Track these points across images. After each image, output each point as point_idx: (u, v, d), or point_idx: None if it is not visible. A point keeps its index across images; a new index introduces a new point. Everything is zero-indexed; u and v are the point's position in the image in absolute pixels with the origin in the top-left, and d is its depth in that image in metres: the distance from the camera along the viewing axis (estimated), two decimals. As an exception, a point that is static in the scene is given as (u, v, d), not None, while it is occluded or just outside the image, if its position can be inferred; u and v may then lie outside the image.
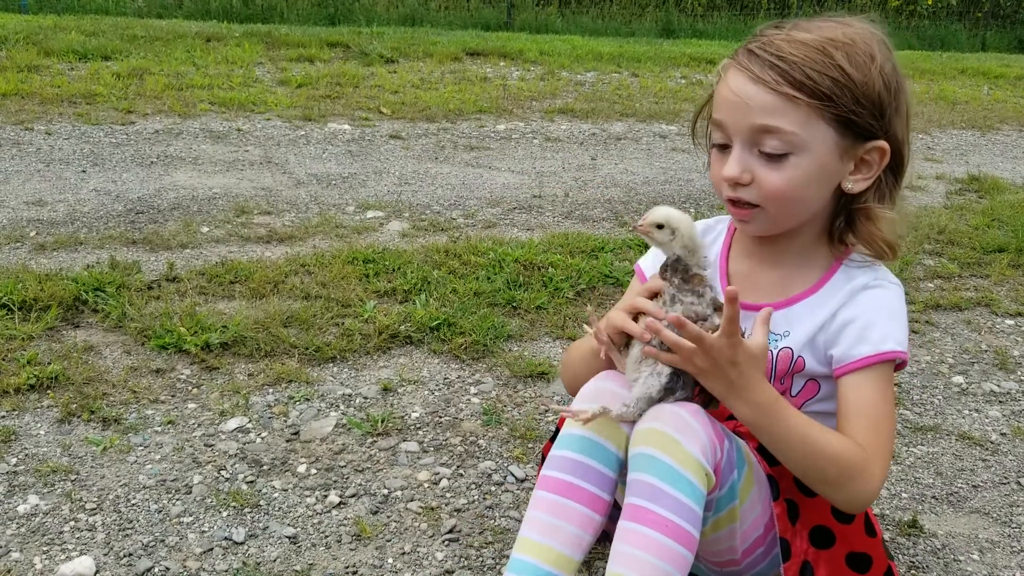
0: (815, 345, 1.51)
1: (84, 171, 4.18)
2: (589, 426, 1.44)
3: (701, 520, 1.34)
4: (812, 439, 1.40)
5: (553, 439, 1.58)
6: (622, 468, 1.45)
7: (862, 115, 1.41)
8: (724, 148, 1.48)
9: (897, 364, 1.50)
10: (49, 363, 2.36)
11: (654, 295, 1.48)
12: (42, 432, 2.11)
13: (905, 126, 1.48)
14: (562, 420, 1.55)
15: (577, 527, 1.40)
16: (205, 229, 3.50)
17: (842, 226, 1.55)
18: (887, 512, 2.01)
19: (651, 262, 1.74)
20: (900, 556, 1.86)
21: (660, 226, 1.46)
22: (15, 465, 1.98)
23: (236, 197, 3.93)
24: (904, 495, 2.09)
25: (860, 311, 1.49)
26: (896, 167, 1.49)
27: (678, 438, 1.34)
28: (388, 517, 1.89)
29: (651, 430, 1.37)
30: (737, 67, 1.44)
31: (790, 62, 1.39)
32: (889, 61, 1.46)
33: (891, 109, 1.44)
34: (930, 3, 14.76)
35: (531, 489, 1.99)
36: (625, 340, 1.50)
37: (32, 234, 3.33)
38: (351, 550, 1.78)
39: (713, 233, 1.70)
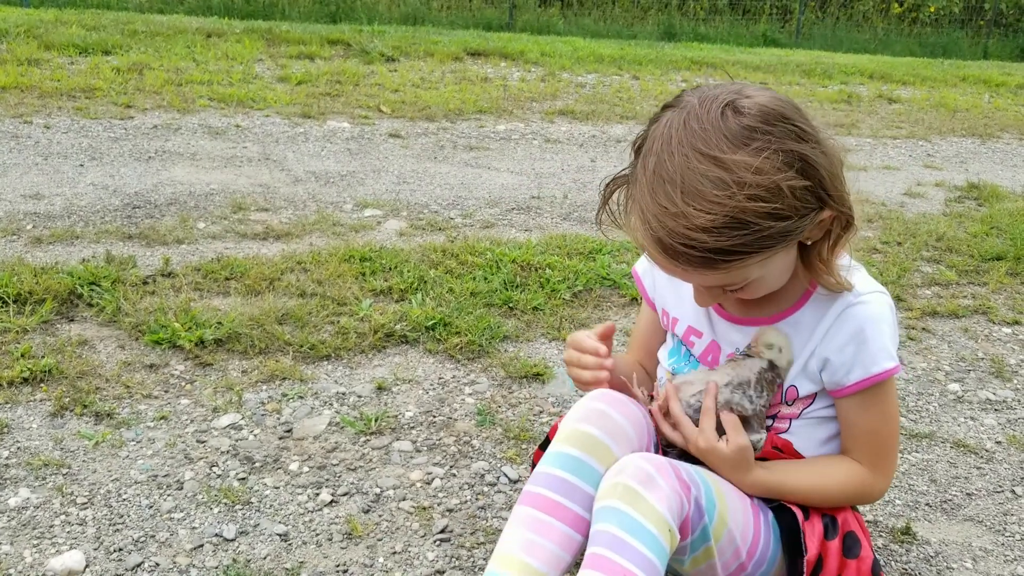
0: (807, 370, 1.52)
1: (82, 165, 4.17)
2: (580, 446, 1.43)
3: (662, 575, 1.33)
4: (820, 487, 1.53)
5: (544, 446, 1.57)
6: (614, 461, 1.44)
7: (800, 227, 1.33)
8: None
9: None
10: (43, 356, 2.35)
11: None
12: (34, 425, 2.10)
13: (838, 171, 1.37)
14: (554, 428, 1.55)
15: (558, 546, 1.38)
16: (202, 225, 3.49)
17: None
18: (880, 519, 2.01)
19: (648, 265, 1.74)
20: (893, 563, 1.86)
21: (770, 346, 1.51)
22: (6, 458, 1.97)
23: (233, 193, 3.93)
24: (898, 502, 2.08)
25: (848, 334, 1.47)
26: (842, 219, 1.41)
27: (643, 493, 1.34)
28: (380, 516, 1.88)
29: (616, 484, 1.36)
30: (654, 249, 1.34)
31: (709, 249, 1.28)
32: (789, 147, 1.30)
33: (823, 189, 1.33)
34: (933, 10, 14.78)
35: (523, 489, 1.99)
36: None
37: (28, 227, 3.32)
38: (342, 549, 1.77)
39: None
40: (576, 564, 1.42)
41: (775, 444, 1.56)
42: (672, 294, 1.68)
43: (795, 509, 1.51)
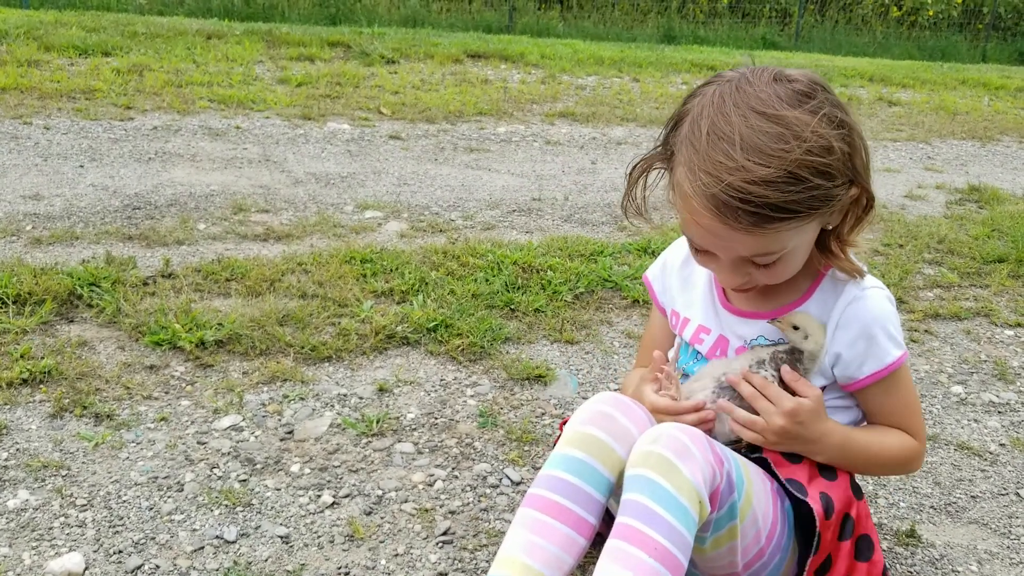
0: (820, 367, 1.55)
1: (82, 166, 4.16)
2: (584, 448, 1.43)
3: (690, 548, 1.33)
4: (882, 453, 1.57)
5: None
6: (612, 494, 1.44)
7: (840, 196, 1.39)
8: (703, 253, 1.48)
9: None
10: (42, 357, 2.34)
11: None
12: (34, 427, 2.09)
13: (864, 166, 1.43)
14: (561, 425, 1.55)
15: (560, 549, 1.38)
16: (202, 226, 3.48)
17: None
18: (885, 521, 2.00)
19: (659, 271, 1.75)
20: (898, 566, 1.85)
21: (796, 327, 1.53)
22: (6, 460, 1.96)
23: (234, 195, 3.92)
24: (902, 504, 2.07)
25: (857, 330, 1.52)
26: (865, 202, 1.47)
27: (677, 463, 1.33)
28: (382, 518, 1.87)
29: (651, 452, 1.36)
30: (705, 208, 1.35)
31: (763, 203, 1.31)
32: (836, 114, 1.37)
33: (857, 160, 1.40)
34: (932, 14, 14.79)
35: (527, 491, 1.98)
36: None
37: (28, 228, 3.31)
38: (344, 551, 1.76)
39: None
40: (581, 565, 1.42)
41: None
42: (682, 295, 1.70)
43: (815, 506, 1.50)
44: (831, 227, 1.47)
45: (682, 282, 1.71)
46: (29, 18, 7.77)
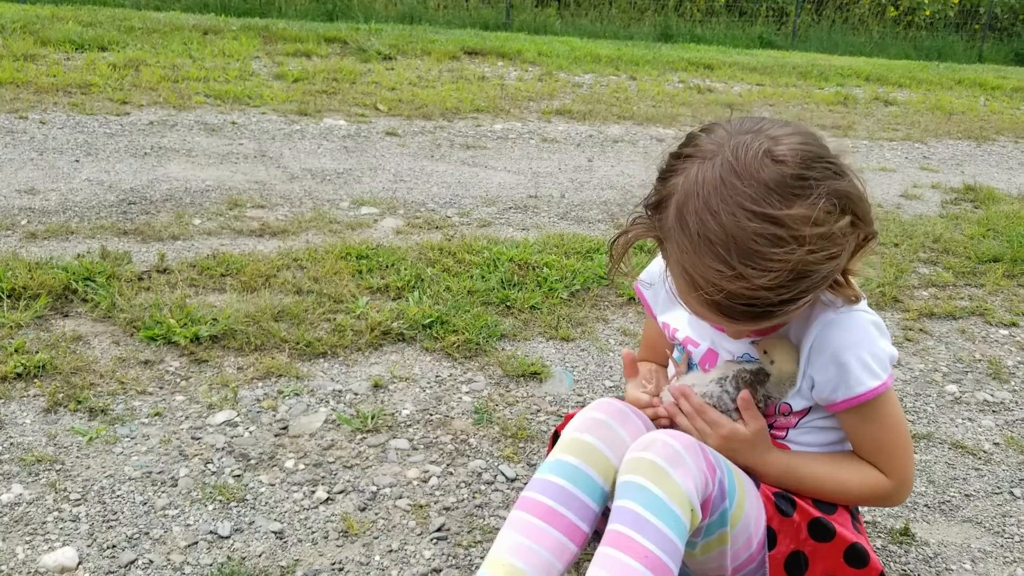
0: (800, 388, 1.51)
1: (77, 160, 4.14)
2: (578, 455, 1.42)
3: (681, 555, 1.33)
4: (835, 483, 1.53)
5: (556, 438, 1.57)
6: (606, 502, 1.43)
7: (845, 258, 1.34)
8: None
9: None
10: (37, 352, 2.33)
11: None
12: (28, 421, 2.08)
13: (865, 198, 1.35)
14: (566, 419, 1.54)
15: (552, 554, 1.37)
16: (197, 221, 3.48)
17: None
18: (879, 520, 2.00)
19: (648, 280, 1.74)
20: (892, 564, 1.85)
21: (764, 352, 1.51)
22: (-1, 454, 1.95)
23: (229, 190, 3.91)
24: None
25: (827, 357, 1.45)
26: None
27: (669, 470, 1.33)
28: (376, 514, 1.87)
29: (642, 459, 1.35)
30: (707, 310, 1.33)
31: (766, 303, 1.27)
32: (834, 188, 1.28)
33: (857, 216, 1.33)
34: (928, 14, 14.80)
35: (521, 489, 1.97)
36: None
37: (23, 222, 3.30)
38: (338, 546, 1.76)
39: None
40: (571, 569, 1.41)
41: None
42: (670, 308, 1.69)
43: (801, 501, 1.50)
44: None
45: (668, 295, 1.67)
46: (25, 12, 7.75)
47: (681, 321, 1.65)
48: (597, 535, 1.39)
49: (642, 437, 1.41)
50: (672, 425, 1.55)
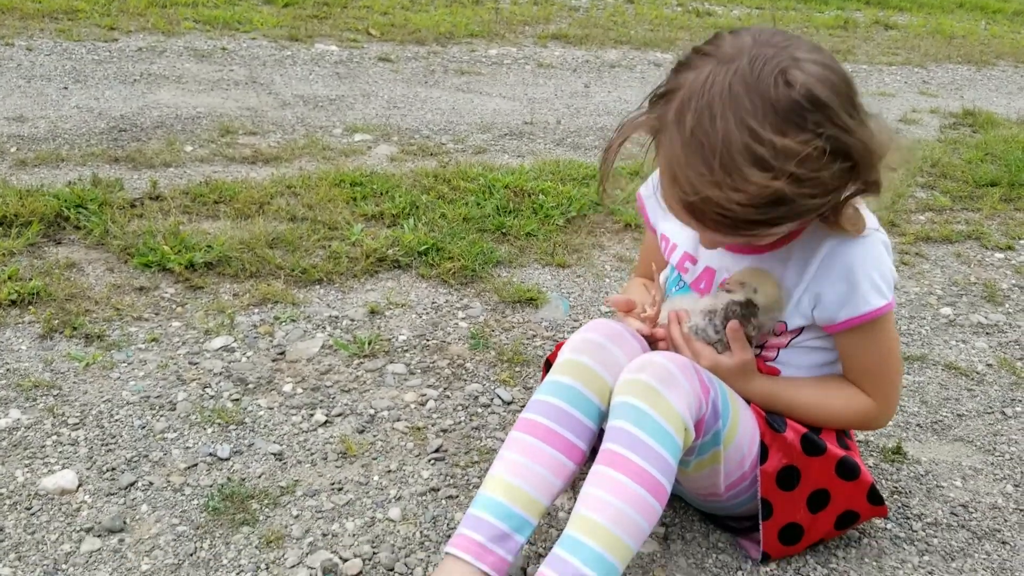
0: (800, 306, 1.50)
1: (66, 88, 4.08)
2: (574, 375, 1.43)
3: (674, 474, 1.34)
4: (819, 407, 1.53)
5: (548, 367, 1.57)
6: (602, 421, 1.44)
7: (835, 201, 1.32)
8: None
9: None
10: (30, 279, 2.32)
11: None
12: (24, 347, 2.08)
13: (878, 149, 1.32)
14: (553, 355, 1.55)
15: (550, 472, 1.39)
16: (189, 148, 3.44)
17: None
18: (872, 439, 2.02)
19: (651, 191, 1.72)
20: (884, 482, 1.88)
21: (742, 284, 1.50)
22: (-3, 380, 1.96)
23: (220, 117, 3.86)
24: (889, 423, 2.09)
25: (838, 272, 1.44)
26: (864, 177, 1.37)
27: (662, 391, 1.34)
28: (374, 436, 1.88)
29: (637, 380, 1.36)
30: (682, 211, 1.33)
31: (737, 219, 1.26)
32: (834, 139, 1.25)
33: (861, 167, 1.30)
34: (931, -65, 14.48)
35: (517, 412, 1.99)
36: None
37: (13, 150, 3.26)
38: (337, 467, 1.78)
39: None
40: (567, 490, 1.44)
41: (762, 372, 1.56)
42: (670, 221, 1.66)
43: (789, 419, 1.52)
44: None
45: None
46: (6, -64, 7.54)
47: (682, 235, 1.64)
48: (594, 453, 1.40)
49: (637, 358, 1.42)
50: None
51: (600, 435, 1.43)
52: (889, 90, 5.77)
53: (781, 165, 1.21)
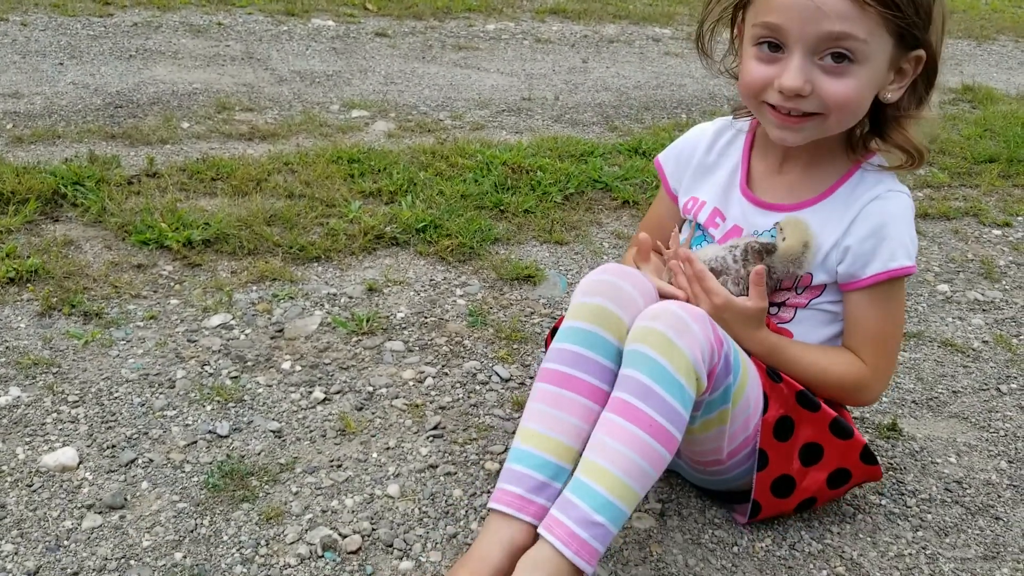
0: (827, 262, 1.54)
1: (61, 63, 4.06)
2: (591, 319, 1.43)
3: (685, 424, 1.35)
4: (817, 369, 1.55)
5: (555, 332, 1.58)
6: (621, 360, 1.44)
7: (917, 25, 1.40)
8: (772, 51, 1.43)
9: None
10: (28, 256, 2.32)
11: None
12: (22, 325, 2.09)
13: (940, 32, 1.46)
14: (560, 320, 1.56)
15: (577, 418, 1.40)
16: (186, 125, 3.43)
17: (865, 132, 1.56)
18: (867, 415, 2.03)
19: (672, 157, 1.75)
20: (879, 457, 1.88)
21: (780, 228, 1.52)
22: (-4, 358, 1.96)
23: (217, 93, 3.84)
24: (885, 399, 2.11)
25: (869, 228, 1.51)
26: (929, 73, 1.49)
27: (676, 340, 1.34)
28: (373, 413, 1.89)
29: (650, 329, 1.36)
30: None
31: None
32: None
33: (934, 17, 1.43)
34: (932, -92, 14.37)
35: (515, 389, 2.00)
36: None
37: (8, 127, 3.24)
38: (336, 444, 1.79)
39: (732, 130, 1.71)
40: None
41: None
42: (700, 181, 1.71)
43: (785, 375, 1.54)
44: (890, 97, 1.47)
45: (703, 169, 1.71)
46: (-1, -91, 7.47)
47: (712, 192, 1.67)
48: None
49: (652, 306, 1.42)
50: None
51: None
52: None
53: None
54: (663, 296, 1.54)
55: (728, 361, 1.41)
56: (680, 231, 1.71)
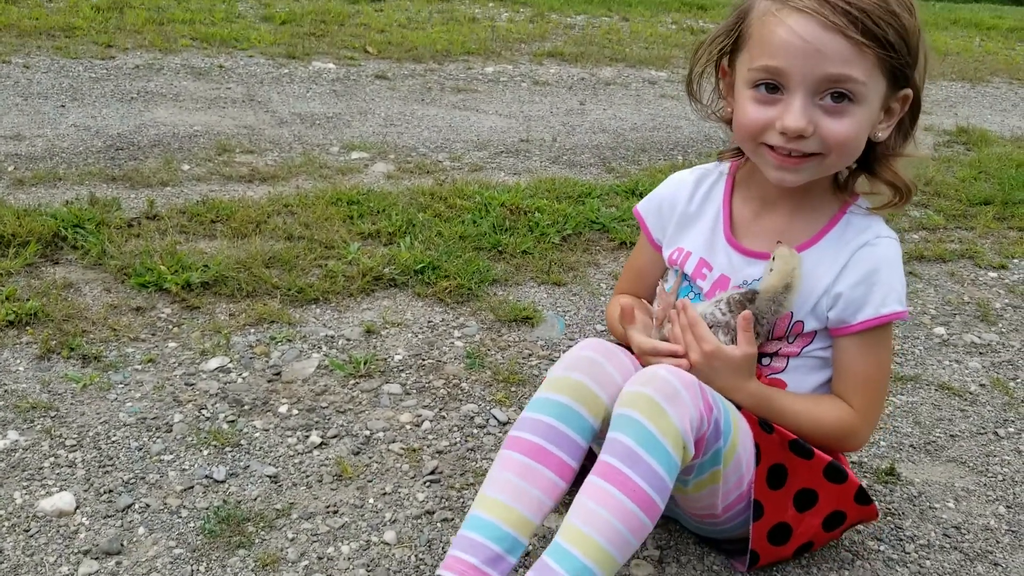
0: (817, 309, 1.54)
1: (63, 106, 4.10)
2: (568, 392, 1.43)
3: (669, 492, 1.34)
4: (808, 418, 1.54)
5: None
6: (594, 438, 1.45)
7: (908, 65, 1.42)
8: (770, 92, 1.44)
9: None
10: (28, 299, 2.33)
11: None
12: (21, 368, 2.09)
13: (923, 70, 1.48)
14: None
15: (542, 492, 1.39)
16: (186, 167, 3.45)
17: (851, 172, 1.57)
18: (865, 460, 2.03)
19: (654, 207, 1.75)
20: (877, 503, 1.88)
21: (773, 258, 1.52)
22: (-7, 401, 1.96)
23: (218, 135, 3.88)
24: (883, 443, 2.11)
25: (861, 274, 1.51)
26: (915, 111, 1.51)
27: (665, 407, 1.34)
28: (370, 458, 1.89)
29: (640, 394, 1.36)
30: (802, 11, 1.37)
31: (859, 8, 1.35)
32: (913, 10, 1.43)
33: (920, 56, 1.45)
34: (925, -48, 14.58)
35: (508, 434, 2.00)
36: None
37: (10, 169, 3.27)
38: (332, 490, 1.78)
39: (712, 177, 1.70)
40: (556, 509, 1.45)
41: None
42: (684, 232, 1.69)
43: (777, 425, 1.53)
44: (880, 135, 1.48)
45: (686, 219, 1.69)
46: (5, -48, 7.58)
47: (697, 242, 1.66)
48: (583, 470, 1.41)
49: (643, 371, 1.42)
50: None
51: (590, 453, 1.44)
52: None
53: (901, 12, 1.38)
54: (655, 353, 1.56)
55: (718, 426, 1.41)
56: (666, 279, 1.71)
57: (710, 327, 1.53)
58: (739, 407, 1.52)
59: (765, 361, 1.59)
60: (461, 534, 1.38)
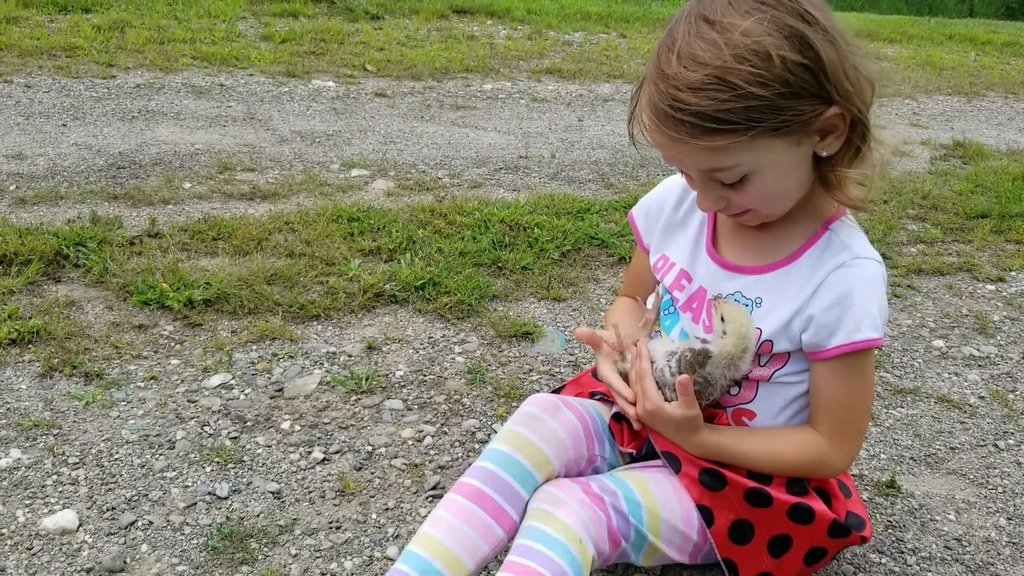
0: (789, 330, 1.48)
1: (64, 125, 4.12)
2: (513, 445, 1.52)
3: None
4: (770, 459, 1.52)
5: (557, 392, 1.64)
6: (536, 490, 1.51)
7: (792, 110, 1.28)
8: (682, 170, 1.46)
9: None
10: (30, 317, 2.34)
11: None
12: (24, 386, 2.10)
13: (856, 85, 1.34)
14: (569, 383, 1.59)
15: (477, 534, 1.44)
16: (187, 185, 3.47)
17: (837, 172, 1.47)
18: (866, 472, 2.04)
19: (644, 211, 1.74)
20: (877, 516, 1.89)
21: (722, 319, 1.48)
22: (-3, 419, 1.97)
23: (219, 153, 3.89)
24: (883, 456, 2.11)
25: (833, 297, 1.44)
26: (858, 128, 1.39)
27: (552, 511, 1.43)
28: (372, 473, 1.90)
29: (534, 508, 1.46)
30: (649, 119, 1.34)
31: (693, 112, 1.26)
32: (793, 25, 1.28)
33: (824, 76, 1.30)
34: (920, -32, 14.68)
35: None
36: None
37: (12, 188, 3.29)
38: (335, 505, 1.79)
39: None
40: (495, 559, 1.49)
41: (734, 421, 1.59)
42: (668, 238, 1.68)
43: (732, 474, 1.52)
44: (825, 154, 1.37)
45: (671, 226, 1.67)
46: (6, -27, 7.63)
47: (681, 252, 1.64)
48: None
49: (538, 490, 1.50)
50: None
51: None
52: (879, 122, 5.81)
53: (727, 39, 1.25)
54: (611, 390, 1.60)
55: (621, 511, 1.47)
56: (657, 293, 1.71)
57: (658, 384, 1.51)
58: (680, 469, 1.54)
59: (733, 391, 1.56)
60: (395, 568, 1.40)
